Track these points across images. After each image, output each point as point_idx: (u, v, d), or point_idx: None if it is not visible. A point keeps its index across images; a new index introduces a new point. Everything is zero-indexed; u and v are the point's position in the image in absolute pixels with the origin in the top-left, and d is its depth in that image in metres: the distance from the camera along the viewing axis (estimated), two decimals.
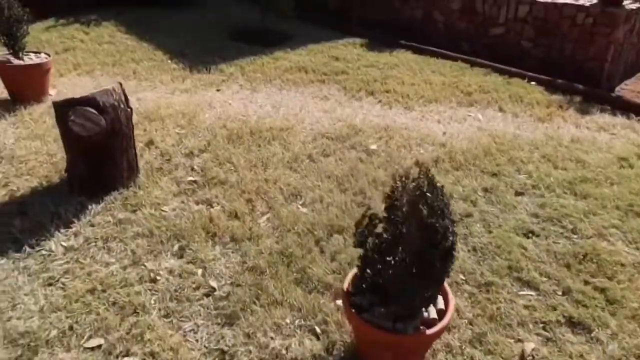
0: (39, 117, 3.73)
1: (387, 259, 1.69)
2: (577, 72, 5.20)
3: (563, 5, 5.26)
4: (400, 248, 1.65)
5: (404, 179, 1.68)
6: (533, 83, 5.02)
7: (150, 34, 5.75)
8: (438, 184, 1.61)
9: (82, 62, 4.87)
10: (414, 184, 1.63)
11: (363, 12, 7.00)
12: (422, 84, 4.83)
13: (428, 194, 1.55)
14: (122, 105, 2.74)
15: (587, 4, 5.21)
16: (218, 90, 4.54)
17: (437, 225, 1.53)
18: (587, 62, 5.20)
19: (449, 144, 3.67)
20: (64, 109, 2.58)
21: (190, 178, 3.07)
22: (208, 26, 6.25)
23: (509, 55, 5.68)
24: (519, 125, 4.10)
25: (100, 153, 2.73)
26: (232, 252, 2.47)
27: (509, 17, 5.69)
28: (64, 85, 4.38)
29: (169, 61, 5.05)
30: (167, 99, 4.26)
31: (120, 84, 2.79)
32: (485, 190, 3.10)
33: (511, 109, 4.40)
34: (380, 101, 4.44)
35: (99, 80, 4.57)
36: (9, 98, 4.04)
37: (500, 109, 4.41)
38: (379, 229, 1.75)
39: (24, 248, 2.42)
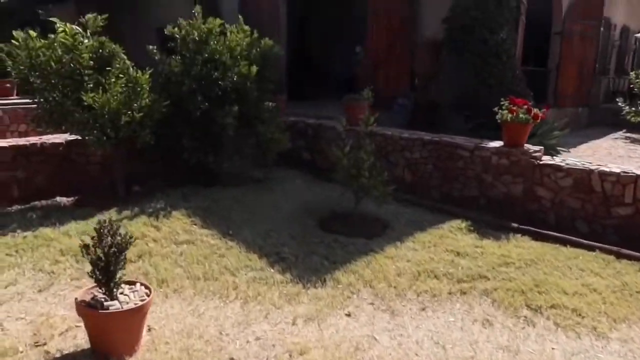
0: None
1: None
2: None
3: None
4: None
5: None
6: None
7: (231, 226, 4.91)
8: None
9: (165, 275, 3.91)
10: None
11: (446, 186, 6.38)
12: (585, 291, 3.93)
13: None
14: None
15: None
16: (348, 314, 3.55)
17: None
18: None
19: None
20: None
21: None
22: (289, 212, 5.46)
23: None
24: None
25: None
26: None
27: (637, 197, 5.04)
28: (158, 322, 3.35)
29: (271, 269, 4.12)
30: (294, 336, 3.24)
31: None
32: None
33: None
34: (557, 325, 3.48)
35: (197, 304, 3.57)
36: (88, 347, 2.99)
37: None
38: None
39: None
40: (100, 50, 5.22)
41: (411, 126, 9.85)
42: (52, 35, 5.19)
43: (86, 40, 5.06)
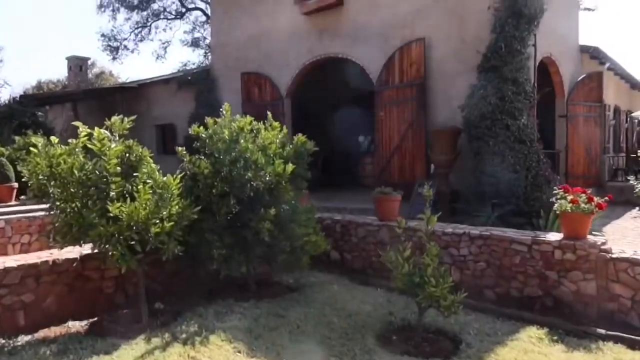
0: None
1: None
2: None
3: None
4: None
5: None
6: None
7: (282, 352, 4.16)
8: None
9: None
10: None
11: (503, 286, 5.77)
12: None
13: None
14: None
15: None
16: None
17: None
18: None
19: None
20: None
21: None
22: (341, 328, 4.73)
23: None
24: None
25: None
26: None
27: None
28: None
29: None
30: None
31: None
32: None
33: None
34: None
35: None
36: None
37: None
38: None
39: None
40: (127, 155, 4.73)
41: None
42: (72, 140, 4.71)
43: (113, 145, 4.58)
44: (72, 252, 5.11)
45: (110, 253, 4.46)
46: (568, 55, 12.95)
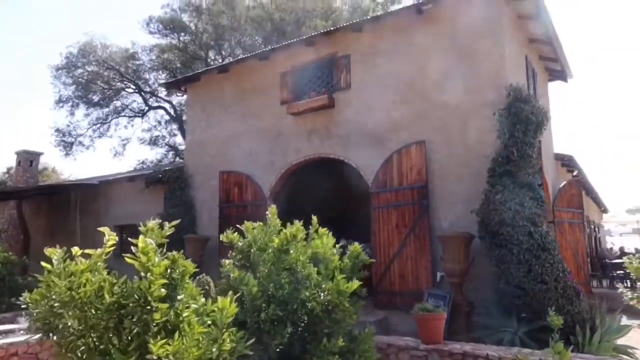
0: None
1: None
2: None
3: None
4: None
5: None
6: None
7: None
8: None
9: None
10: None
11: None
12: None
13: None
14: None
15: None
16: None
17: None
18: None
19: None
20: None
21: None
22: None
23: None
24: None
25: None
26: None
27: None
28: None
29: None
30: None
31: None
32: None
33: None
34: None
35: None
36: None
37: None
38: None
39: None
40: (170, 271, 3.62)
41: (450, 334, 8.45)
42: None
43: (157, 259, 3.47)
44: None
45: None
46: (549, 162, 13.24)
